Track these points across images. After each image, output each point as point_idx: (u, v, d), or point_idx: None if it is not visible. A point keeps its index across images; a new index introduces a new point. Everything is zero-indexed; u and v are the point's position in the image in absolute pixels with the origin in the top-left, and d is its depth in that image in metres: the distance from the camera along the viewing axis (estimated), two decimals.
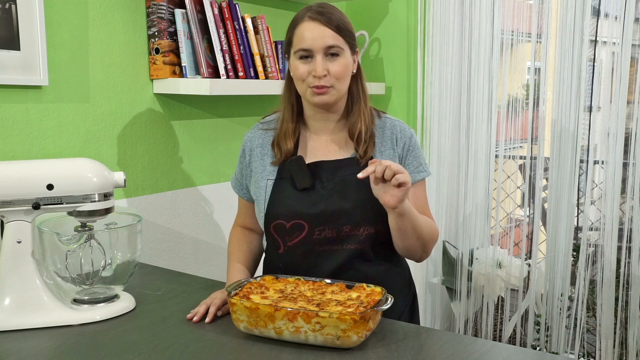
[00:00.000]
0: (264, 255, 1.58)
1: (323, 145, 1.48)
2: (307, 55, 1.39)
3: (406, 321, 1.46)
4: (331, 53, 1.39)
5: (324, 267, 1.41)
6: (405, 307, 1.52)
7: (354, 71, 1.45)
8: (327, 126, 1.49)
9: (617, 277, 2.23)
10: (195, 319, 1.33)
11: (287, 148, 1.46)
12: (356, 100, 1.47)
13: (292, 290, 1.30)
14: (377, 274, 1.42)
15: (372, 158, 1.43)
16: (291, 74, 1.45)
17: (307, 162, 1.45)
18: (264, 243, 1.55)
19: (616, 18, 2.14)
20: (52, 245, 1.36)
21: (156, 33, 1.92)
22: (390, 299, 1.22)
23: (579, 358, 2.33)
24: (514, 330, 2.49)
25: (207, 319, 1.33)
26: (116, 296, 1.42)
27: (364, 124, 1.44)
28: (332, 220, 1.40)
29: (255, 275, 1.46)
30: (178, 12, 1.91)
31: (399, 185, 1.26)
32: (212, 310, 1.34)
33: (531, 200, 2.43)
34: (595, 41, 2.25)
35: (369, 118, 1.46)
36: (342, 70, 1.39)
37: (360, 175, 1.28)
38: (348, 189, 1.41)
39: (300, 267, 1.43)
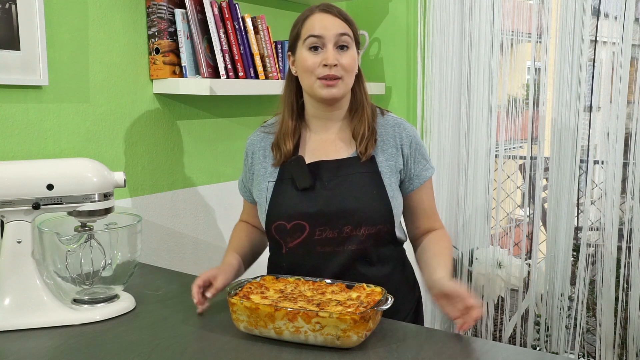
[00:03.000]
0: (268, 255, 1.58)
1: (324, 145, 1.48)
2: (317, 45, 1.39)
3: None
4: (340, 45, 1.39)
5: (326, 268, 1.41)
6: (410, 311, 1.52)
7: (357, 71, 1.46)
8: (329, 125, 1.48)
9: (617, 277, 2.23)
10: (199, 310, 1.35)
11: (287, 149, 1.45)
12: (359, 100, 1.48)
13: (292, 290, 1.30)
14: (381, 278, 1.41)
15: (373, 157, 1.43)
16: (294, 66, 1.44)
17: (307, 162, 1.44)
18: (268, 242, 1.56)
19: (616, 18, 2.14)
20: (52, 245, 1.36)
21: (156, 33, 1.92)
22: (390, 299, 1.22)
23: (579, 358, 2.33)
24: (514, 330, 2.49)
25: (199, 310, 1.34)
26: (116, 296, 1.42)
27: (366, 123, 1.44)
28: (332, 220, 1.40)
29: (255, 275, 1.46)
30: (178, 12, 1.91)
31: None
32: (195, 295, 1.34)
33: (531, 200, 2.43)
34: (595, 41, 2.25)
35: (370, 117, 1.46)
36: (351, 63, 1.40)
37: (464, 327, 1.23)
38: (349, 189, 1.41)
39: (303, 268, 1.42)
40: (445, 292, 1.26)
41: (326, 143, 1.48)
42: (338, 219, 1.39)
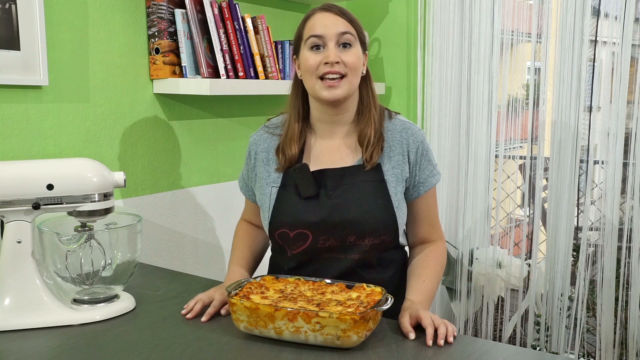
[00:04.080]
0: (271, 254, 1.57)
1: (329, 151, 1.45)
2: (318, 44, 1.36)
3: None
4: (343, 43, 1.36)
5: (328, 273, 1.40)
6: None
7: (364, 72, 1.43)
8: (334, 130, 1.45)
9: (617, 277, 2.23)
10: (189, 316, 1.34)
11: (292, 154, 1.42)
12: (366, 104, 1.44)
13: (292, 290, 1.30)
14: (382, 281, 1.40)
15: (378, 164, 1.41)
16: (299, 69, 1.42)
17: (312, 169, 1.41)
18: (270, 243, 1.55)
19: (616, 18, 2.14)
20: (52, 245, 1.36)
21: (156, 33, 1.92)
22: (390, 299, 1.22)
23: (579, 358, 2.33)
24: (514, 330, 2.49)
25: (204, 319, 1.33)
26: (116, 296, 1.42)
27: (373, 128, 1.41)
28: (336, 230, 1.38)
29: (255, 275, 1.46)
30: (178, 12, 1.91)
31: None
32: (210, 312, 1.34)
33: (531, 200, 2.43)
34: (595, 41, 2.25)
35: (378, 122, 1.42)
36: (354, 61, 1.36)
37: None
38: (353, 198, 1.38)
39: (305, 271, 1.42)
40: (400, 320, 1.28)
41: (331, 149, 1.45)
42: (342, 229, 1.38)
